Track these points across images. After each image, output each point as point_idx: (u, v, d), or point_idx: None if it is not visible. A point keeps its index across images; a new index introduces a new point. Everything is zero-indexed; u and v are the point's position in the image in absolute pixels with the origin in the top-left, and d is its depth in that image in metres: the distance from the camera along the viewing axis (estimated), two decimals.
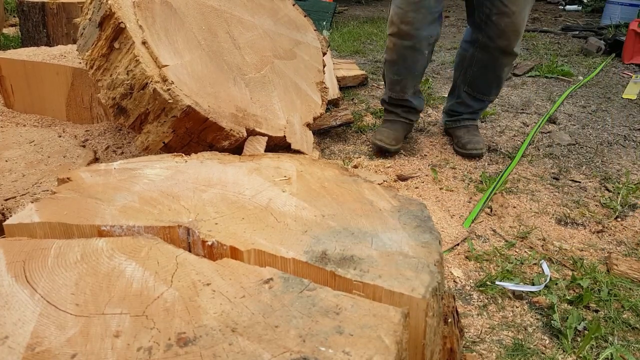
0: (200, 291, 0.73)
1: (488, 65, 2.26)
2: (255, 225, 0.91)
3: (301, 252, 0.83)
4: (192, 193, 1.01)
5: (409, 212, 0.98)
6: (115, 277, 0.76)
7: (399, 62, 2.21)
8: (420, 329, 0.75)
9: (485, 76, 2.30)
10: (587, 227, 1.84)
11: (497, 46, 2.16)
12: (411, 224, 0.93)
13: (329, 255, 0.82)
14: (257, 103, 1.81)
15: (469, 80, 2.37)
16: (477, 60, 2.29)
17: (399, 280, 0.76)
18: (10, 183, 1.62)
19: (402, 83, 2.28)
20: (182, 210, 0.94)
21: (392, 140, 2.33)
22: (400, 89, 2.31)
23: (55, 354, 0.62)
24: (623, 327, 1.35)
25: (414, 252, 0.84)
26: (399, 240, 0.88)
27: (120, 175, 1.08)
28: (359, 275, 0.77)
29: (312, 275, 0.80)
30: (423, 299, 0.73)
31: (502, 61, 2.21)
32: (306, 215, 0.96)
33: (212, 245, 0.86)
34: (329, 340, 0.63)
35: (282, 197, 1.03)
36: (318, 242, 0.86)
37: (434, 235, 0.90)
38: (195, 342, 0.64)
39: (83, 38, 1.74)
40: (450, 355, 0.93)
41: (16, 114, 2.39)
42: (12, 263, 0.79)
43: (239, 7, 2.02)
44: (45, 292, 0.73)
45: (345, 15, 6.61)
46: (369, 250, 0.84)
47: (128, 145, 2.08)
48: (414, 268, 0.79)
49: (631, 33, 4.16)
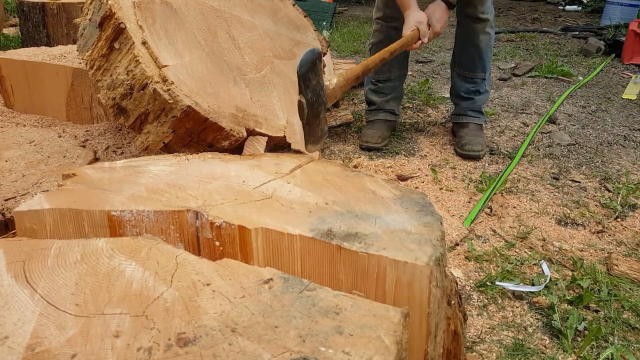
0: (200, 291, 0.73)
1: (465, 38, 2.39)
2: (262, 209, 0.93)
3: (307, 230, 0.85)
4: (197, 184, 1.02)
5: (410, 199, 1.00)
6: (115, 277, 0.76)
7: (385, 42, 2.21)
8: (425, 297, 0.77)
9: (466, 51, 2.41)
10: (587, 227, 1.84)
11: (466, 15, 2.32)
12: (413, 209, 0.96)
13: (334, 232, 0.84)
14: (257, 103, 1.81)
15: (456, 59, 2.48)
16: (457, 37, 2.45)
17: (403, 252, 0.79)
18: (10, 183, 1.62)
19: (389, 63, 2.32)
20: (189, 197, 0.96)
21: (378, 139, 2.42)
22: (387, 69, 2.42)
23: (55, 354, 0.62)
24: (623, 327, 1.35)
25: (417, 230, 0.87)
26: (401, 221, 0.90)
27: (125, 171, 1.09)
28: (364, 248, 0.80)
29: (318, 250, 0.82)
30: (427, 266, 0.75)
31: (474, 28, 2.32)
32: (311, 202, 0.97)
33: (220, 226, 0.87)
34: (329, 340, 0.63)
35: (287, 187, 1.04)
36: (323, 222, 0.88)
37: (436, 217, 0.92)
38: (195, 342, 0.64)
39: (83, 38, 1.74)
40: (454, 338, 0.93)
41: (16, 114, 2.39)
42: (12, 263, 0.79)
43: (238, 7, 2.02)
44: (45, 292, 0.73)
45: (345, 15, 6.61)
46: (373, 228, 0.87)
47: (128, 146, 2.08)
48: (417, 242, 0.82)
49: (631, 33, 4.16)
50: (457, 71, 2.49)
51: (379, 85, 2.50)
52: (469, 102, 2.49)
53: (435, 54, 4.50)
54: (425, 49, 4.75)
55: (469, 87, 2.47)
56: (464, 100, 2.49)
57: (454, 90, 2.55)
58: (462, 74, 2.47)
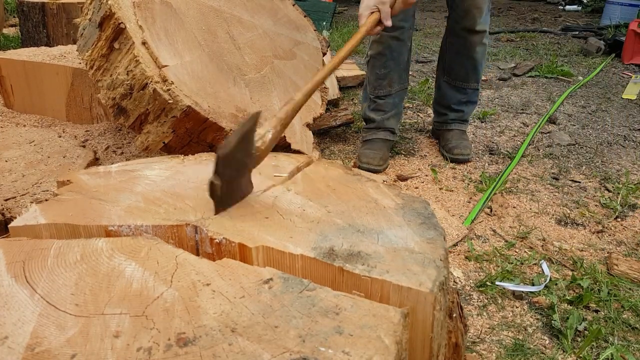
0: (200, 291, 0.73)
1: (460, 49, 2.28)
2: (262, 222, 0.92)
3: (309, 249, 0.83)
4: (195, 192, 1.01)
5: (412, 209, 0.99)
6: (115, 277, 0.76)
7: (386, 54, 2.21)
8: (428, 323, 0.76)
9: (459, 60, 2.31)
10: (587, 227, 1.84)
11: (463, 27, 2.21)
12: (415, 221, 0.95)
13: (337, 252, 0.83)
14: (257, 103, 1.81)
15: (446, 68, 2.38)
16: (450, 46, 2.33)
17: (407, 275, 0.77)
18: (10, 183, 1.62)
19: (389, 77, 2.26)
20: (187, 208, 0.95)
21: (380, 161, 2.25)
22: (387, 84, 2.28)
23: (55, 354, 0.62)
24: (623, 327, 1.35)
25: (420, 248, 0.85)
26: (404, 236, 0.89)
27: (120, 177, 1.08)
28: (367, 271, 0.78)
29: (320, 271, 0.81)
30: (431, 293, 0.74)
31: (471, 40, 2.23)
32: (312, 213, 0.96)
33: (220, 242, 0.86)
34: (328, 340, 0.63)
35: (288, 195, 1.03)
36: (325, 239, 0.87)
37: (439, 232, 0.91)
38: (195, 342, 0.64)
39: (83, 38, 1.74)
40: (455, 350, 0.93)
41: (16, 114, 2.39)
42: (12, 263, 0.79)
43: (238, 7, 2.02)
44: (45, 292, 0.73)
45: (345, 15, 6.61)
46: (376, 246, 0.85)
47: (128, 146, 2.08)
48: (420, 263, 0.80)
49: (631, 33, 4.16)
50: (447, 81, 2.39)
51: (379, 102, 2.32)
52: (458, 113, 2.41)
53: (435, 54, 4.50)
54: (424, 48, 4.75)
55: (460, 97, 2.38)
56: (453, 112, 2.41)
57: (441, 101, 2.44)
58: (454, 84, 2.37)
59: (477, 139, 2.63)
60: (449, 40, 2.32)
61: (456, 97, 2.38)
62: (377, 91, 2.31)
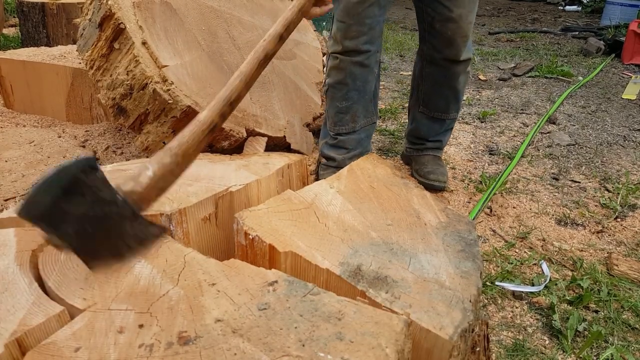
0: (205, 291, 0.73)
1: (439, 79, 1.92)
2: (297, 221, 0.92)
3: (336, 263, 0.82)
4: (177, 187, 1.04)
5: (455, 231, 0.94)
6: (123, 274, 0.77)
7: (348, 83, 1.79)
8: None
9: (439, 91, 1.95)
10: (587, 227, 1.84)
11: (444, 57, 1.84)
12: (455, 247, 0.89)
13: (363, 272, 0.80)
14: (256, 103, 1.81)
15: (422, 98, 2.02)
16: (427, 75, 1.96)
17: (429, 315, 0.72)
18: (10, 183, 1.62)
19: (353, 110, 1.84)
20: (165, 200, 0.97)
21: None
22: (350, 119, 1.85)
23: (60, 346, 0.63)
24: (623, 327, 1.35)
25: (451, 283, 0.80)
26: (438, 265, 0.84)
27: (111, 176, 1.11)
28: (390, 301, 0.74)
29: (343, 289, 0.79)
30: (449, 341, 0.69)
31: (454, 71, 1.88)
32: (349, 220, 0.94)
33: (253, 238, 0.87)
34: (328, 346, 0.63)
35: (328, 195, 1.01)
36: (355, 254, 0.84)
37: (477, 265, 0.85)
38: (196, 342, 0.64)
39: (83, 38, 1.74)
40: None
41: (16, 114, 2.39)
42: (21, 252, 0.81)
43: (238, 8, 2.02)
44: (56, 285, 0.74)
45: None
46: (405, 272, 0.81)
47: (128, 146, 2.08)
48: (447, 302, 0.75)
49: (631, 33, 4.16)
50: (423, 112, 2.03)
51: (340, 139, 1.89)
52: (436, 143, 2.10)
53: None
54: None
55: (437, 128, 2.05)
56: (430, 142, 2.09)
57: (417, 133, 2.09)
58: (432, 115, 2.01)
59: (477, 139, 2.63)
60: (427, 70, 1.94)
61: (434, 129, 2.05)
62: (338, 127, 1.88)
